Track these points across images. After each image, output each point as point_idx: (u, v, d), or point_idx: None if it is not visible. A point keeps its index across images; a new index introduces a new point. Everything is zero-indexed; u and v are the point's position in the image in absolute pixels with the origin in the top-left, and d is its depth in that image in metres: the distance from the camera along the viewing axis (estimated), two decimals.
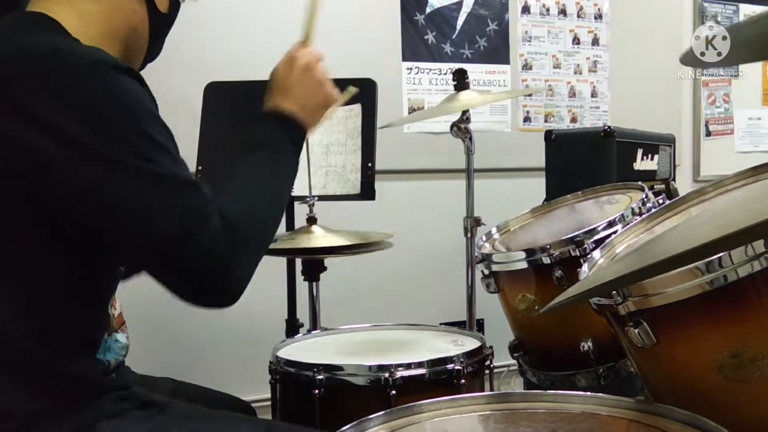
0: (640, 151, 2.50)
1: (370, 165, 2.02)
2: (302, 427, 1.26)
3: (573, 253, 1.53)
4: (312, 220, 1.71)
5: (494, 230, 1.90)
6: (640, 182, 1.81)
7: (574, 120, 3.23)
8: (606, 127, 2.39)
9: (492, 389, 1.49)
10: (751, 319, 0.99)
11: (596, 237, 1.53)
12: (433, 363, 1.35)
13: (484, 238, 1.85)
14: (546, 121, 3.16)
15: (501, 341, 1.68)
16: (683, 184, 3.16)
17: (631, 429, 0.96)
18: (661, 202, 1.57)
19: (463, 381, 1.34)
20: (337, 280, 2.00)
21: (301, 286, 1.99)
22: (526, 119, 3.14)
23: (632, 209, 1.56)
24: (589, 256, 1.34)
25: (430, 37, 2.93)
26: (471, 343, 1.48)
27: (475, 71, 2.97)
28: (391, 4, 2.86)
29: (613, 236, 1.40)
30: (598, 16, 3.26)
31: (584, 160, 2.41)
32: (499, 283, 1.72)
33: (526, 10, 3.11)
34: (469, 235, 1.91)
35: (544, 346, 1.72)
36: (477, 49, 3.01)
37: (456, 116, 1.88)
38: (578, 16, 3.22)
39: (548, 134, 2.54)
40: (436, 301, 2.77)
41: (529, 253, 1.61)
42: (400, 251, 1.83)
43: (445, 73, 2.92)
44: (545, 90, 3.16)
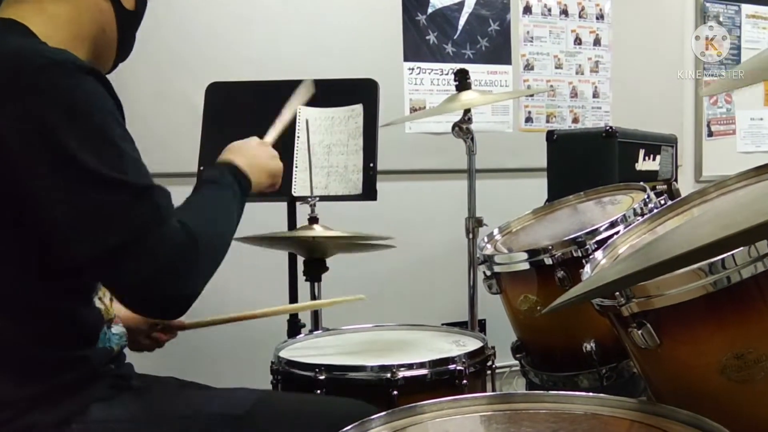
0: (642, 152, 2.49)
1: (372, 165, 2.02)
2: (297, 393, 1.26)
3: (575, 254, 1.53)
4: (313, 220, 1.71)
5: (496, 231, 1.90)
6: (642, 183, 1.80)
7: (575, 120, 3.22)
8: (608, 128, 2.39)
9: (494, 390, 1.49)
10: (755, 321, 0.99)
11: (598, 238, 1.53)
12: (435, 363, 1.35)
13: (486, 239, 1.85)
14: (548, 122, 3.16)
15: (503, 342, 1.68)
16: (685, 185, 3.15)
17: (633, 430, 0.95)
18: (663, 202, 1.57)
19: (465, 381, 1.34)
20: (339, 280, 2.00)
21: (303, 286, 1.99)
22: (528, 119, 3.13)
23: (634, 210, 1.56)
24: (591, 257, 1.34)
25: (432, 38, 2.93)
26: (473, 344, 1.48)
27: (477, 71, 2.97)
28: (393, 5, 2.86)
29: (616, 237, 1.40)
30: (600, 17, 3.25)
31: (586, 161, 2.41)
32: (501, 284, 1.72)
33: (527, 10, 3.11)
34: (471, 235, 1.91)
35: (546, 346, 1.72)
36: (478, 50, 3.01)
37: (458, 116, 1.88)
38: (580, 17, 3.22)
39: (550, 134, 2.53)
40: (438, 302, 2.77)
41: (531, 253, 1.61)
42: (402, 252, 1.83)
43: (447, 74, 2.92)
44: (547, 90, 3.16)
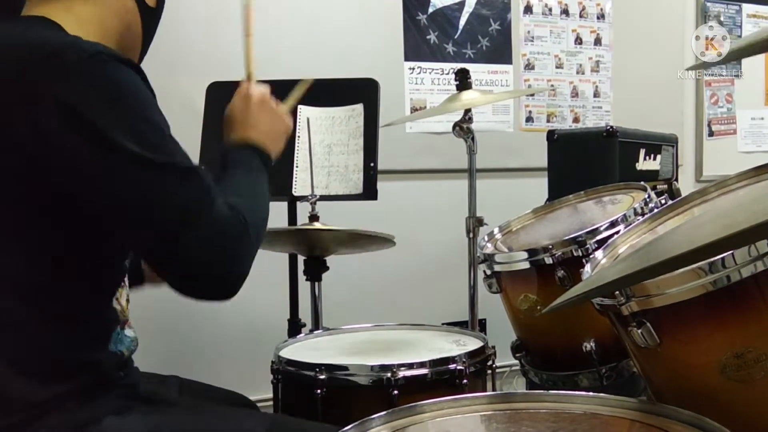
0: (642, 151, 2.49)
1: (373, 165, 2.02)
2: (305, 420, 1.26)
3: (575, 254, 1.53)
4: (314, 218, 1.71)
5: (496, 230, 1.90)
6: (642, 182, 1.80)
7: (576, 120, 3.23)
8: (608, 127, 2.39)
9: (494, 389, 1.49)
10: (755, 320, 0.99)
11: (599, 237, 1.53)
12: (435, 363, 1.35)
13: (486, 238, 1.85)
14: (548, 121, 3.16)
15: (503, 341, 1.68)
16: (686, 184, 3.15)
17: (633, 429, 0.96)
18: (663, 202, 1.57)
19: (466, 381, 1.34)
20: (340, 280, 2.00)
21: (304, 286, 1.99)
22: (529, 119, 3.13)
23: (635, 209, 1.56)
24: (591, 257, 1.34)
25: (433, 37, 2.93)
26: (473, 343, 1.48)
27: (478, 71, 2.97)
28: (394, 4, 2.86)
29: (616, 236, 1.40)
30: (601, 16, 3.25)
31: (587, 160, 2.41)
32: (501, 283, 1.72)
33: (528, 9, 3.11)
34: (471, 235, 1.91)
35: (546, 346, 1.72)
36: (479, 49, 3.01)
37: (458, 116, 1.88)
38: (581, 16, 3.22)
39: (551, 134, 2.53)
40: (438, 301, 2.77)
41: (532, 253, 1.61)
42: (402, 251, 1.83)
43: (448, 73, 2.92)
44: (548, 90, 3.16)
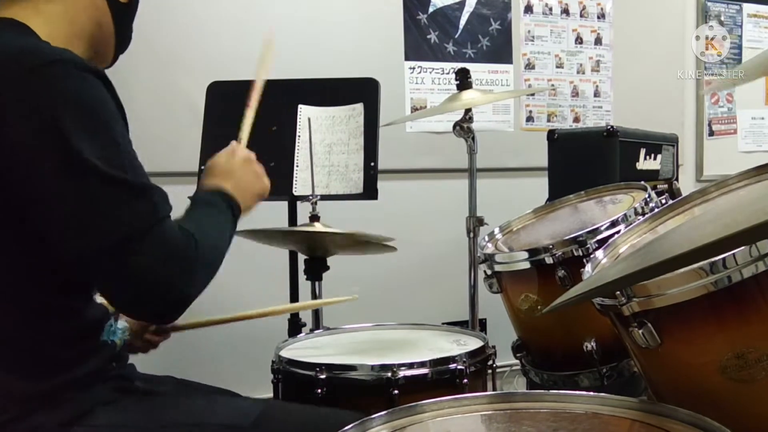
0: (643, 151, 2.49)
1: (373, 164, 2.02)
2: (298, 404, 1.27)
3: (576, 253, 1.53)
4: (314, 218, 1.71)
5: (497, 230, 1.90)
6: (642, 182, 1.80)
7: (576, 120, 3.22)
8: (609, 127, 2.39)
9: (494, 389, 1.49)
10: (756, 321, 0.98)
11: (599, 237, 1.53)
12: (435, 363, 1.34)
13: (487, 238, 1.85)
14: (549, 121, 3.16)
15: (504, 341, 1.68)
16: (686, 184, 3.15)
17: (634, 429, 0.95)
18: (663, 202, 1.57)
19: (466, 381, 1.34)
20: (340, 279, 2.00)
21: (304, 285, 1.99)
22: (529, 119, 3.13)
23: (635, 209, 1.56)
24: (592, 256, 1.34)
25: (433, 37, 2.93)
26: (474, 343, 1.48)
27: (478, 71, 2.97)
28: (394, 4, 2.86)
29: (616, 236, 1.40)
30: (601, 16, 3.25)
31: (587, 160, 2.41)
32: (501, 283, 1.72)
33: (528, 9, 3.11)
34: (472, 234, 1.91)
35: (546, 346, 1.72)
36: (480, 49, 3.01)
37: (458, 116, 1.88)
38: (581, 16, 3.22)
39: (551, 134, 2.53)
40: (438, 301, 2.77)
41: (532, 253, 1.61)
42: (403, 251, 1.83)
43: (448, 73, 2.92)
44: (548, 89, 3.16)
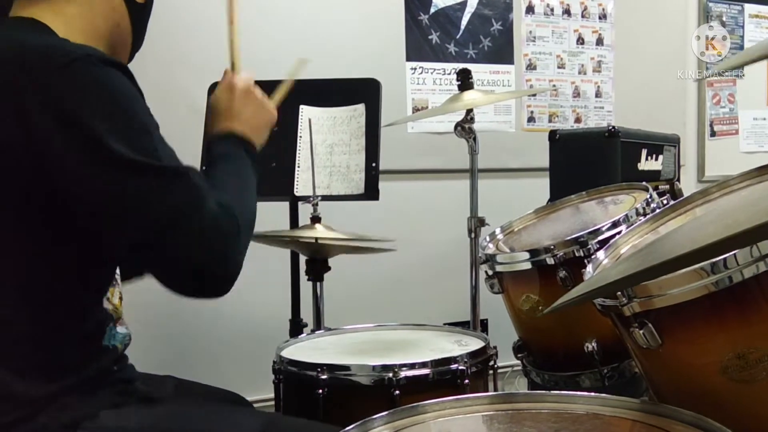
0: (644, 152, 2.49)
1: (374, 165, 2.02)
2: (301, 419, 1.27)
3: (577, 254, 1.53)
4: (316, 219, 1.71)
5: (498, 231, 1.90)
6: (644, 182, 1.80)
7: (578, 120, 3.22)
8: (610, 128, 2.39)
9: (496, 389, 1.49)
10: (757, 321, 0.98)
11: (600, 237, 1.52)
12: (437, 363, 1.35)
13: (488, 239, 1.85)
14: (550, 121, 3.16)
15: (505, 341, 1.68)
16: (688, 185, 3.15)
17: (635, 430, 0.95)
18: (665, 202, 1.57)
19: (467, 381, 1.34)
20: (341, 280, 2.00)
21: (305, 286, 1.99)
22: (531, 119, 3.13)
23: (636, 210, 1.55)
24: (593, 257, 1.34)
25: (434, 37, 2.93)
26: (475, 344, 1.48)
27: (479, 71, 2.96)
28: (395, 4, 2.86)
29: (618, 237, 1.39)
30: (603, 16, 3.25)
31: (588, 161, 2.41)
32: (503, 283, 1.72)
33: (530, 10, 3.11)
34: (473, 235, 1.91)
35: (548, 346, 1.72)
36: (481, 49, 3.01)
37: (460, 116, 1.88)
38: (582, 16, 3.22)
39: (552, 134, 2.53)
40: (439, 302, 2.77)
41: (533, 253, 1.61)
42: (404, 251, 1.83)
43: (449, 73, 2.92)
44: (549, 90, 3.16)
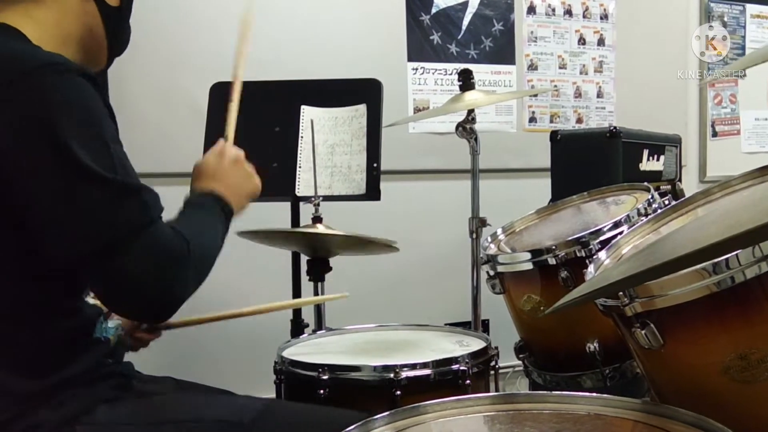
0: (646, 152, 2.49)
1: (376, 165, 2.02)
2: (300, 403, 1.27)
3: (579, 254, 1.53)
4: (317, 219, 1.71)
5: (499, 231, 1.90)
6: (646, 183, 1.80)
7: (579, 120, 3.22)
8: (612, 128, 2.39)
9: (497, 390, 1.49)
10: (759, 321, 0.98)
11: (602, 238, 1.52)
12: (438, 363, 1.35)
13: (490, 239, 1.85)
14: (551, 122, 3.16)
15: (506, 342, 1.68)
16: (689, 185, 3.15)
17: (636, 430, 0.95)
18: (667, 202, 1.56)
19: (469, 381, 1.34)
20: (342, 280, 2.00)
21: (307, 286, 1.99)
22: (532, 120, 3.13)
23: (638, 210, 1.55)
24: (594, 257, 1.34)
25: (436, 38, 2.93)
26: (476, 344, 1.48)
27: (481, 71, 2.96)
28: (397, 5, 2.86)
29: (619, 237, 1.39)
30: (604, 17, 3.25)
31: (590, 161, 2.41)
32: (504, 283, 1.72)
33: (531, 10, 3.11)
34: (475, 235, 1.91)
35: (549, 347, 1.71)
36: (482, 50, 3.01)
37: (461, 116, 1.88)
38: (584, 17, 3.22)
39: (554, 135, 2.53)
40: (441, 302, 2.77)
41: (535, 253, 1.61)
42: (405, 252, 1.83)
43: (451, 74, 2.92)
44: (551, 90, 3.16)
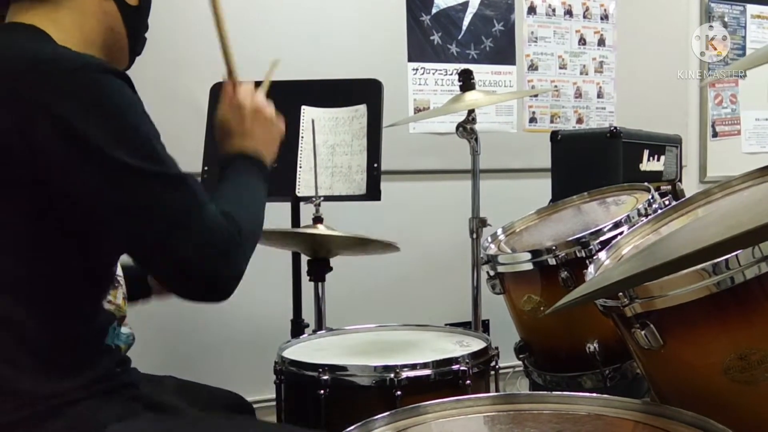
0: (646, 152, 2.49)
1: (376, 165, 2.02)
2: (306, 429, 1.26)
3: (579, 254, 1.53)
4: (318, 220, 1.71)
5: (500, 231, 1.90)
6: (646, 183, 1.80)
7: (580, 121, 3.22)
8: (612, 128, 2.39)
9: (497, 390, 1.49)
10: (759, 322, 0.98)
11: (602, 238, 1.52)
12: (438, 364, 1.35)
13: (490, 239, 1.85)
14: (552, 122, 3.16)
15: (506, 342, 1.68)
16: (690, 185, 3.15)
17: (637, 430, 0.96)
18: (667, 203, 1.56)
19: (469, 382, 1.34)
20: (343, 280, 2.00)
21: (307, 286, 2.00)
22: (532, 120, 3.13)
23: (638, 210, 1.55)
24: (595, 258, 1.34)
25: (436, 38, 2.93)
26: (476, 344, 1.48)
27: (481, 72, 2.96)
28: (397, 5, 2.86)
29: (620, 237, 1.39)
30: (604, 17, 3.25)
31: (590, 161, 2.41)
32: (504, 284, 1.72)
33: (532, 10, 3.11)
34: (475, 235, 1.91)
35: (549, 347, 1.71)
36: (483, 50, 3.01)
37: (462, 117, 1.88)
38: (584, 17, 3.22)
39: (554, 135, 2.53)
40: (441, 302, 2.77)
41: (535, 254, 1.61)
42: (406, 252, 1.83)
43: (451, 74, 2.92)
44: (551, 91, 3.16)
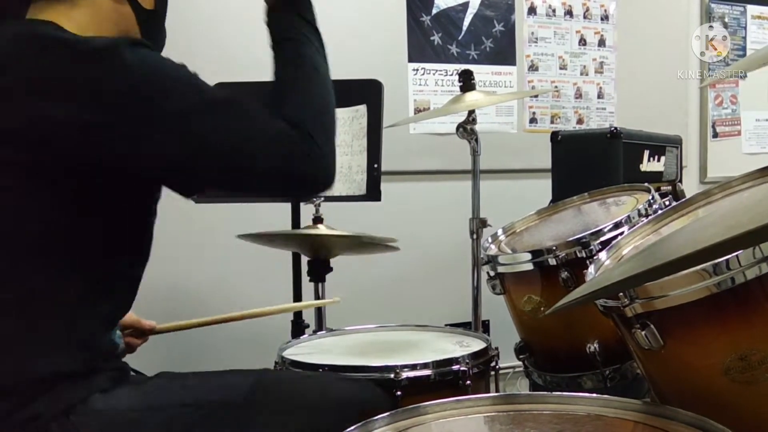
0: (646, 153, 2.49)
1: (376, 166, 2.02)
2: (293, 371, 1.29)
3: (579, 255, 1.53)
4: (318, 220, 1.71)
5: (500, 231, 1.90)
6: (646, 183, 1.80)
7: (580, 121, 3.22)
8: (612, 129, 2.39)
9: (497, 391, 1.49)
10: (759, 322, 0.98)
11: (603, 238, 1.52)
12: (438, 364, 1.35)
13: (490, 240, 1.85)
14: (552, 123, 3.16)
15: (506, 343, 1.68)
16: (690, 186, 3.15)
17: (636, 431, 0.95)
18: (667, 203, 1.56)
19: (469, 382, 1.34)
20: (343, 281, 2.00)
21: (307, 286, 2.00)
22: (533, 120, 3.13)
23: (638, 211, 1.55)
24: (595, 258, 1.34)
25: (436, 38, 2.93)
26: (476, 345, 1.49)
27: (481, 72, 2.96)
28: (397, 5, 2.86)
29: (620, 238, 1.39)
30: (605, 17, 3.25)
31: (590, 162, 2.41)
32: (504, 284, 1.72)
33: (532, 11, 3.11)
34: (475, 236, 1.91)
35: (549, 347, 1.71)
36: (483, 50, 3.01)
37: (462, 117, 1.88)
38: (585, 17, 3.22)
39: (554, 135, 2.53)
40: (441, 302, 2.77)
41: (535, 254, 1.60)
42: (406, 252, 1.83)
43: (451, 74, 2.92)
44: (551, 91, 3.16)
